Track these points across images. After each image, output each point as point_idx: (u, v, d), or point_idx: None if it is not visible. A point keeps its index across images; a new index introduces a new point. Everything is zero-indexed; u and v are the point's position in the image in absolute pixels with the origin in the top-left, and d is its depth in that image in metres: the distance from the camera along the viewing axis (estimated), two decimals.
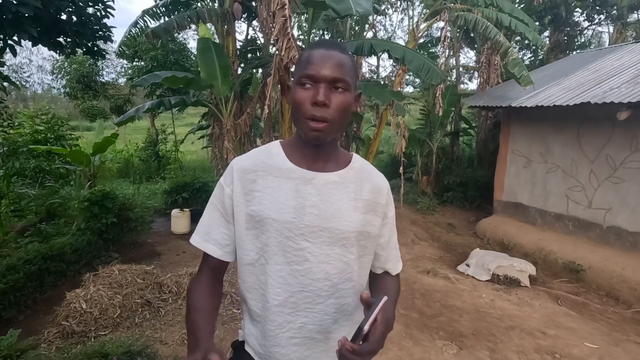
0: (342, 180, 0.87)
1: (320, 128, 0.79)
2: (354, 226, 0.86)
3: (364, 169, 0.92)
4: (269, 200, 0.84)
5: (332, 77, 0.78)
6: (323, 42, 0.85)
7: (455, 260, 4.74)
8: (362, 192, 0.89)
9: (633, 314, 3.48)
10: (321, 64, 0.78)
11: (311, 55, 0.80)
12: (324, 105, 0.78)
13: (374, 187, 0.91)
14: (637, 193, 3.93)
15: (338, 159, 0.90)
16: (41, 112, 7.25)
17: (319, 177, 0.85)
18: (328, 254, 0.85)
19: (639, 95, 3.44)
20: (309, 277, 0.85)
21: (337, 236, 0.85)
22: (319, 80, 0.78)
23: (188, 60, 8.63)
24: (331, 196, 0.85)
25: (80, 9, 3.12)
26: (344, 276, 0.87)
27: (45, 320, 2.93)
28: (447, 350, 2.74)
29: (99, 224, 4.12)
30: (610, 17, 8.99)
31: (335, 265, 0.86)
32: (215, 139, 5.67)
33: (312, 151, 0.86)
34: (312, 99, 0.78)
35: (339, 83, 0.79)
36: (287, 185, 0.85)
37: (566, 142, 4.66)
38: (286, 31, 3.88)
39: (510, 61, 4.85)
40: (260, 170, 0.87)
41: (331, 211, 0.84)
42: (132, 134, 13.36)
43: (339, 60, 0.80)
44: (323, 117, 0.78)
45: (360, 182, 0.89)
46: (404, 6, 10.85)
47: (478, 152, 8.31)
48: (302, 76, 0.80)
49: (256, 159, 0.89)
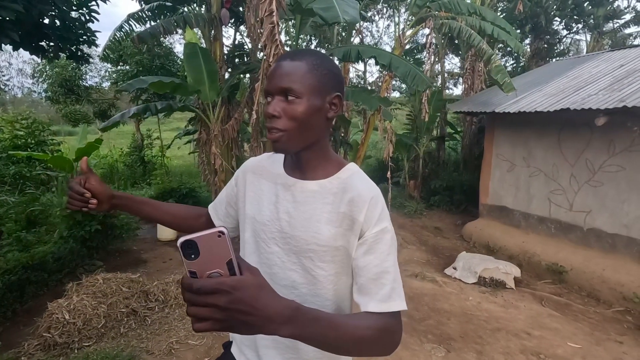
0: (322, 189, 0.84)
1: (276, 138, 0.79)
2: (323, 240, 0.80)
3: (352, 179, 0.85)
4: (256, 201, 0.91)
5: (279, 87, 0.77)
6: (286, 54, 0.84)
7: (442, 263, 4.80)
8: (340, 205, 0.81)
9: (613, 314, 3.59)
10: (272, 76, 0.79)
11: (270, 70, 0.82)
12: (273, 117, 0.78)
13: (352, 200, 0.81)
14: (615, 196, 4.07)
15: (327, 168, 0.86)
16: (21, 116, 7.04)
17: (298, 185, 0.85)
18: (294, 262, 0.83)
19: (616, 102, 3.58)
20: (275, 282, 0.85)
21: (303, 247, 0.82)
22: (271, 93, 0.79)
23: (174, 65, 8.54)
24: (305, 205, 0.83)
25: (64, 13, 3.07)
26: (315, 290, 0.83)
27: (26, 332, 2.84)
28: (436, 354, 2.76)
29: (82, 232, 4.02)
30: (587, 26, 9.34)
31: (303, 275, 0.83)
32: (202, 144, 5.61)
33: (294, 159, 0.88)
34: (265, 112, 0.80)
35: (288, 92, 0.77)
36: (271, 189, 0.90)
37: (548, 147, 4.80)
38: (274, 37, 3.89)
39: (494, 68, 4.97)
40: (259, 173, 0.94)
41: (301, 220, 0.82)
42: (117, 139, 13.12)
43: (287, 69, 0.78)
44: (276, 128, 0.78)
45: (341, 193, 0.82)
46: (390, 13, 11.04)
47: (463, 157, 8.46)
48: (265, 91, 0.82)
49: (261, 161, 0.97)
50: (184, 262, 0.51)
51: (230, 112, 5.54)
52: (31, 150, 6.27)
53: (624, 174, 3.99)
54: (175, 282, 3.53)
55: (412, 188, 7.88)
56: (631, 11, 9.68)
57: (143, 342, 2.76)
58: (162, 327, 2.95)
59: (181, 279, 0.52)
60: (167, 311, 3.19)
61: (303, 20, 4.81)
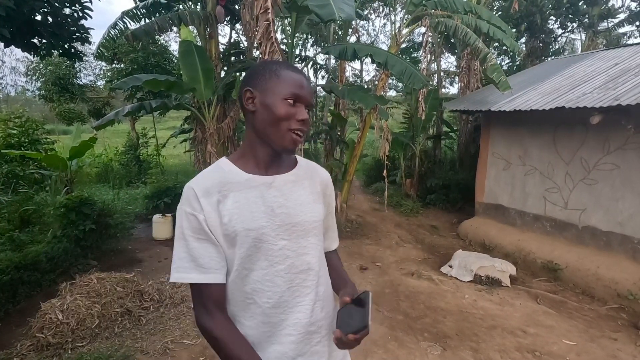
0: (297, 178, 0.98)
1: (300, 140, 0.92)
2: (317, 216, 0.98)
3: (310, 166, 1.05)
4: (238, 215, 0.88)
5: (310, 101, 0.93)
6: (294, 66, 0.97)
7: (438, 261, 4.81)
8: (315, 186, 1.01)
9: (607, 311, 3.61)
10: (306, 88, 0.92)
11: (294, 77, 0.91)
12: (306, 123, 0.92)
13: (322, 181, 1.04)
14: (609, 194, 4.10)
15: (285, 161, 1.00)
16: (14, 115, 6.95)
17: (278, 179, 0.94)
18: (305, 246, 0.94)
19: (610, 101, 3.59)
20: (292, 273, 0.91)
21: (308, 227, 0.95)
22: (302, 102, 0.91)
23: (170, 63, 8.48)
24: (293, 193, 0.95)
25: (56, 9, 3.03)
26: (320, 262, 1.00)
27: (19, 332, 2.81)
28: (432, 352, 2.77)
29: (76, 231, 3.98)
30: (582, 25, 9.39)
31: (314, 254, 0.97)
32: (198, 143, 5.58)
33: (267, 159, 0.94)
34: (299, 116, 0.89)
35: (311, 107, 0.95)
36: (252, 194, 0.90)
37: (543, 145, 4.82)
38: (269, 35, 3.87)
39: (489, 67, 4.98)
40: (222, 190, 0.89)
41: (297, 206, 0.94)
42: (112, 138, 13.03)
43: (312, 88, 0.97)
44: (304, 133, 0.92)
45: (310, 177, 1.02)
46: (387, 12, 11.04)
47: (459, 155, 8.48)
48: (290, 94, 0.89)
49: (213, 179, 0.90)
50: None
51: (226, 110, 5.51)
52: (25, 149, 6.20)
53: (619, 172, 4.01)
54: (171, 282, 3.51)
55: (409, 187, 7.89)
56: (625, 10, 9.74)
57: (137, 342, 2.74)
58: (157, 327, 2.93)
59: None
60: (162, 311, 3.17)
61: (299, 18, 4.78)
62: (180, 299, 3.32)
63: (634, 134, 3.82)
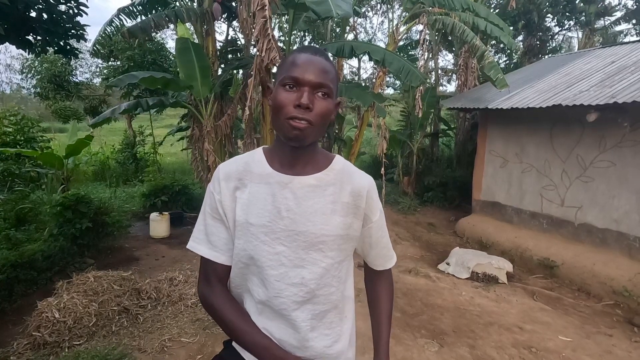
0: (320, 183, 0.86)
1: (301, 127, 0.78)
2: (332, 230, 0.85)
3: (345, 170, 0.90)
4: (247, 206, 0.86)
5: (316, 82, 0.79)
6: (309, 47, 0.86)
7: (435, 259, 4.83)
8: (342, 195, 0.87)
9: (603, 307, 3.64)
10: (306, 68, 0.79)
11: (296, 59, 0.81)
12: (307, 108, 0.78)
13: (354, 190, 0.89)
14: (605, 191, 4.12)
15: (318, 161, 0.89)
16: (10, 113, 6.92)
17: (296, 181, 0.85)
18: (303, 259, 0.85)
19: (607, 98, 3.61)
20: (284, 282, 0.85)
21: (313, 240, 0.85)
22: (302, 84, 0.79)
23: (166, 60, 8.43)
24: (307, 199, 0.85)
25: (51, 6, 3.00)
26: (322, 282, 0.87)
27: (15, 331, 2.80)
28: (429, 348, 2.78)
29: (73, 229, 3.96)
30: (579, 23, 9.41)
31: (312, 270, 0.85)
32: (195, 141, 5.57)
33: (289, 155, 0.86)
34: (295, 101, 0.78)
35: (322, 89, 0.80)
36: (265, 190, 0.86)
37: (540, 143, 4.83)
38: (267, 32, 3.85)
39: (487, 64, 4.98)
40: (242, 178, 0.88)
41: (307, 215, 0.84)
42: (108, 136, 12.96)
43: (323, 66, 0.81)
44: (306, 120, 0.78)
45: (340, 184, 0.88)
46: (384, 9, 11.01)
47: (457, 153, 8.50)
48: (286, 78, 0.80)
49: (238, 165, 0.90)
50: None
51: (223, 108, 5.49)
52: (20, 147, 6.17)
53: (615, 170, 4.03)
54: (168, 280, 3.50)
55: (406, 184, 7.91)
56: (622, 9, 9.78)
57: (135, 340, 2.73)
58: (154, 325, 2.93)
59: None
60: (160, 309, 3.16)
61: (296, 15, 4.76)
62: (177, 297, 3.31)
63: (630, 132, 3.84)
